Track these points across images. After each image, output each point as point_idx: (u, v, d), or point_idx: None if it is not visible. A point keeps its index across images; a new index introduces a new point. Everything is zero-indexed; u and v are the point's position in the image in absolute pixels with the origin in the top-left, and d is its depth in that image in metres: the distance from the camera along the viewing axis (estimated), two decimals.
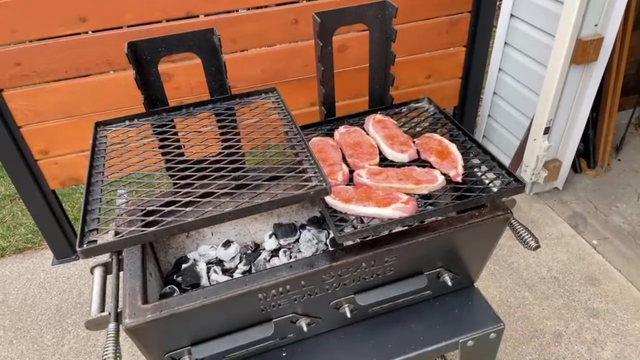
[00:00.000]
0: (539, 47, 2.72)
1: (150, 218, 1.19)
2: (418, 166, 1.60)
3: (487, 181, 1.54)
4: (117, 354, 1.18)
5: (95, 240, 1.12)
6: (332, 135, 1.84)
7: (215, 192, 1.24)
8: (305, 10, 2.40)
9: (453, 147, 1.66)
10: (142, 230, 1.12)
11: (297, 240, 1.94)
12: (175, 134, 1.55)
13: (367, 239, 1.51)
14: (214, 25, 1.65)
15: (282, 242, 1.90)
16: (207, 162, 1.38)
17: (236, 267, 1.84)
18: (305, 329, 1.49)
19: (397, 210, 1.40)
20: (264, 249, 1.92)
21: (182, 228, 1.13)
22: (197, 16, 2.28)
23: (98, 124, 1.54)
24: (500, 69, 3.00)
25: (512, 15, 2.86)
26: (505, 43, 2.93)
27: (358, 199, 1.45)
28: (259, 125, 1.52)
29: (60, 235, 2.69)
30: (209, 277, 1.76)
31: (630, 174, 3.13)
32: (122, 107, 2.36)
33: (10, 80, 2.21)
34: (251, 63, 2.45)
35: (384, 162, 1.67)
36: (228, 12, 2.32)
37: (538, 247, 1.50)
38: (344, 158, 1.69)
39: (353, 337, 1.56)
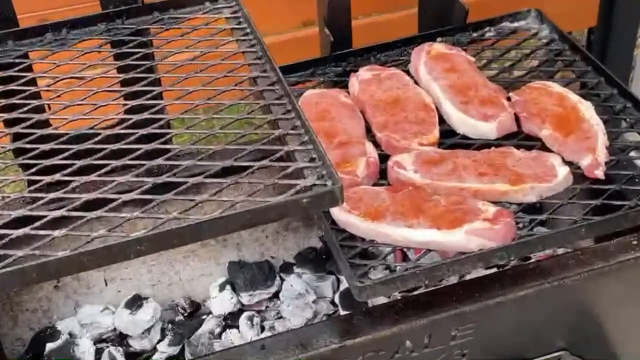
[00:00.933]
0: None
1: None
2: (517, 147, 1.61)
3: None
4: None
5: None
6: (345, 86, 1.84)
7: (113, 199, 1.24)
8: None
9: (587, 110, 1.67)
10: None
11: (276, 295, 1.95)
12: (33, 82, 1.55)
13: (416, 292, 1.51)
14: None
15: (245, 299, 1.91)
16: (96, 140, 1.37)
17: (154, 350, 1.85)
18: None
19: (476, 235, 1.40)
20: (210, 312, 1.93)
21: (44, 271, 1.13)
22: None
23: None
24: None
25: None
26: None
27: (397, 212, 1.45)
28: (200, 67, 1.51)
29: None
30: None
31: None
32: None
33: None
34: None
35: (450, 138, 1.67)
36: None
37: None
38: (368, 131, 1.70)
39: None
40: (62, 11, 2.27)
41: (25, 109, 1.45)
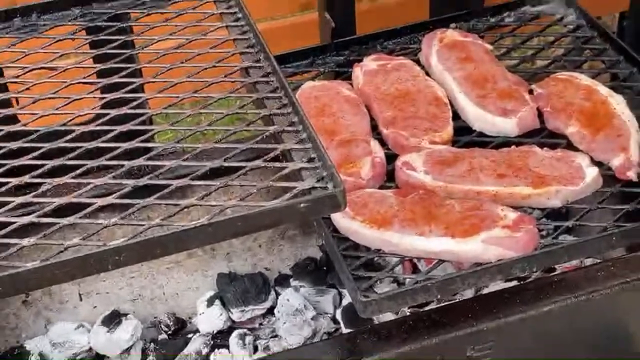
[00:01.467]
0: None
1: None
2: (541, 145, 1.61)
3: None
4: None
5: None
6: (348, 78, 1.84)
7: (89, 203, 1.24)
8: None
9: (619, 104, 1.66)
10: None
11: (271, 311, 1.95)
12: None
13: (427, 308, 1.51)
14: None
15: (236, 315, 1.91)
16: (69, 137, 1.37)
17: None
18: None
19: (494, 244, 1.41)
20: (197, 330, 1.93)
21: (12, 284, 1.12)
22: None
23: None
24: None
25: None
26: None
27: (407, 219, 1.45)
28: (186, 56, 1.52)
29: None
30: None
31: None
32: None
33: None
34: None
35: (465, 136, 1.68)
36: None
37: None
38: (374, 128, 1.70)
39: None
40: None
41: None
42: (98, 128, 1.37)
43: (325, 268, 1.99)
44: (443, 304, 1.58)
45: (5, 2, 2.01)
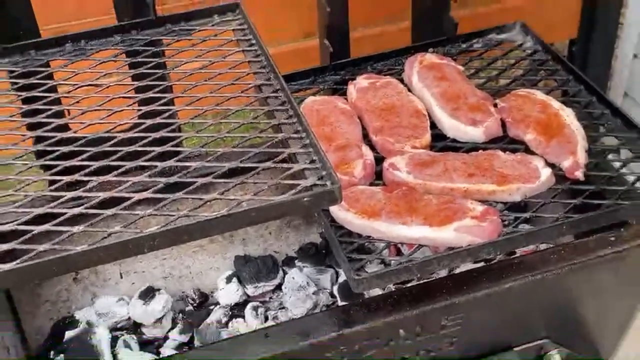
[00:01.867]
0: None
1: (5, 246, 1.19)
2: (503, 150, 1.62)
3: (631, 178, 1.55)
4: None
5: None
6: (343, 94, 1.85)
7: (128, 197, 1.24)
8: None
9: (568, 116, 1.67)
10: None
11: (279, 287, 1.97)
12: (53, 89, 1.55)
13: (409, 285, 1.51)
14: None
15: (250, 290, 1.92)
16: (111, 143, 1.38)
17: (166, 338, 1.86)
18: None
19: (465, 232, 1.41)
20: (218, 303, 1.95)
21: (64, 265, 1.13)
22: None
23: None
24: None
25: None
26: None
27: (392, 211, 1.46)
28: (209, 75, 1.52)
29: None
30: (114, 356, 1.78)
31: None
32: None
33: None
34: None
35: (441, 142, 1.68)
36: None
37: None
38: (365, 135, 1.70)
39: None
40: (78, 25, 2.28)
41: (47, 114, 1.46)
42: (135, 135, 1.38)
43: (324, 251, 1.99)
44: (422, 282, 1.58)
45: (59, 31, 2.02)
